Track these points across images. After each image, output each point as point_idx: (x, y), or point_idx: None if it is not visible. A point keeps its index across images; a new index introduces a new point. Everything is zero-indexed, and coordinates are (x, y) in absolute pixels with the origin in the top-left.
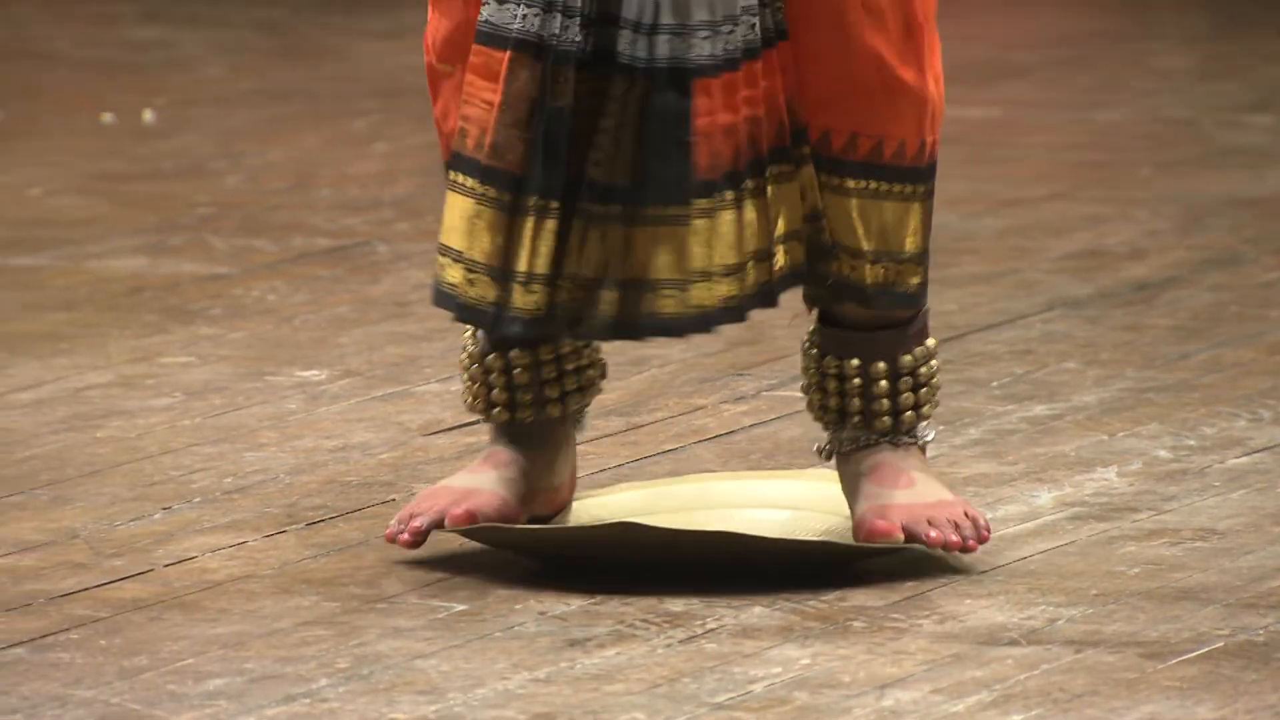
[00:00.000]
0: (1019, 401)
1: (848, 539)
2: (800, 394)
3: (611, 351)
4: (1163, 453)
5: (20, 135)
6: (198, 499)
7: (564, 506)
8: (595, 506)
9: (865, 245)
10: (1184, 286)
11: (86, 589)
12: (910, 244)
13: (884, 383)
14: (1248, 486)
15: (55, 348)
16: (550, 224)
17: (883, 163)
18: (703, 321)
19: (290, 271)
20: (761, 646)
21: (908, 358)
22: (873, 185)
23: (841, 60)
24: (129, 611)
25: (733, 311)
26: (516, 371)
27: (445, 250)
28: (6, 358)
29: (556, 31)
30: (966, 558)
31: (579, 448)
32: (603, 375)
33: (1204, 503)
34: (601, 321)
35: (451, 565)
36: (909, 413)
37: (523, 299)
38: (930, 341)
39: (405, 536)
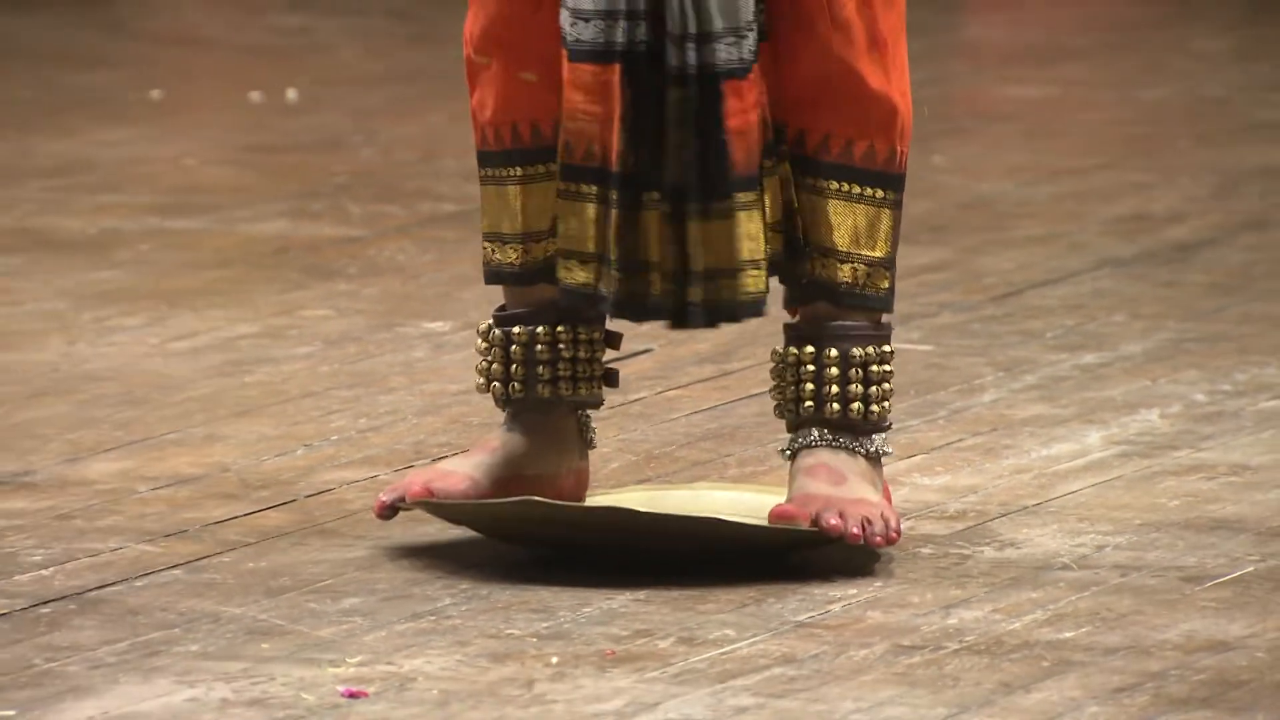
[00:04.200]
0: (1071, 350)
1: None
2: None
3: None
4: (1200, 396)
5: (177, 112)
6: (335, 437)
7: (560, 498)
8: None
9: (839, 245)
10: (1219, 247)
11: (236, 517)
12: (880, 249)
13: (834, 369)
14: (1277, 427)
15: (210, 301)
16: (646, 215)
17: (853, 164)
18: (755, 306)
19: (418, 234)
20: (840, 571)
21: (859, 351)
22: (846, 187)
23: (815, 66)
24: (274, 538)
25: (763, 301)
26: (514, 348)
27: (569, 254)
28: (166, 310)
29: (636, 39)
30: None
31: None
32: (602, 379)
33: (1237, 441)
34: (692, 309)
35: None
36: (857, 404)
37: (629, 286)
38: (887, 348)
39: (375, 508)
